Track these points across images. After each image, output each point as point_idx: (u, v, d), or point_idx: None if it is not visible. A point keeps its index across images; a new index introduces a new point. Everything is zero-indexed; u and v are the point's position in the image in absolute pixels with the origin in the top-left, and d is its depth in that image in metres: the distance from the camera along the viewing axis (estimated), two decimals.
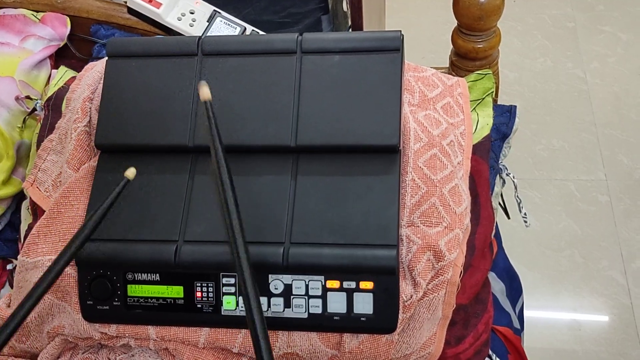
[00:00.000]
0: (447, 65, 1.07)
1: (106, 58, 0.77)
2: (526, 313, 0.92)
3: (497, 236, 0.87)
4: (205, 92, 0.63)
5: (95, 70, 0.81)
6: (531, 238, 1.56)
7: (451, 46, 1.03)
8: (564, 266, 1.53)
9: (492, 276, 0.82)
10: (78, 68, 0.91)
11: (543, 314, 1.46)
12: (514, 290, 0.87)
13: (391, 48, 0.72)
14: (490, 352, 0.75)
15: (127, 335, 0.70)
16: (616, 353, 1.39)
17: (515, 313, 0.85)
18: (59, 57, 1.03)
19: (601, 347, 1.40)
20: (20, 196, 0.92)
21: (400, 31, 0.73)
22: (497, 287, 0.83)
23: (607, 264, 1.52)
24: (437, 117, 0.76)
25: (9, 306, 0.74)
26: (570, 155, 1.72)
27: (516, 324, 0.84)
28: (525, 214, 0.88)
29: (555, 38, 1.99)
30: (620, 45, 1.96)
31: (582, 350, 1.40)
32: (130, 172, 0.64)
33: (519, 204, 0.89)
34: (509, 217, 0.95)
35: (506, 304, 0.83)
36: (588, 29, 2.01)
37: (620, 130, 1.76)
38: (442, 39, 1.95)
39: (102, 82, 0.77)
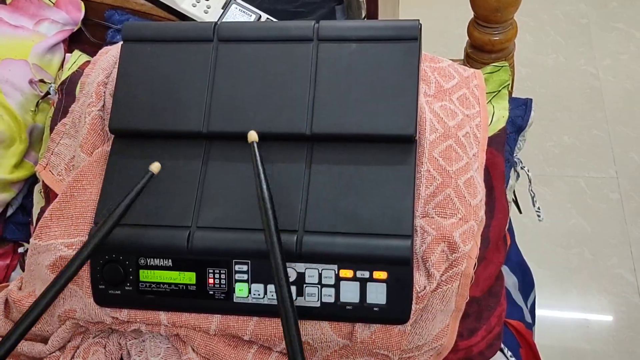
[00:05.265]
0: (461, 58, 1.06)
1: (121, 42, 0.76)
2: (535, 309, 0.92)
3: (511, 230, 0.87)
4: (252, 135, 0.66)
5: (110, 54, 0.81)
6: (541, 235, 1.55)
7: (463, 41, 1.02)
8: (573, 263, 1.52)
9: (505, 270, 0.82)
10: (91, 53, 0.90)
11: (552, 311, 1.45)
12: (526, 284, 0.87)
13: (409, 37, 0.71)
14: (502, 345, 0.75)
15: (138, 320, 0.70)
16: (624, 351, 1.39)
17: (527, 307, 0.84)
18: (73, 42, 1.03)
19: (609, 345, 1.40)
20: (32, 180, 0.92)
21: (418, 20, 0.72)
22: (510, 280, 0.82)
23: (617, 261, 1.51)
24: (453, 109, 0.76)
25: (20, 289, 0.74)
26: (581, 152, 1.71)
27: (528, 318, 0.83)
28: (539, 208, 0.87)
29: (568, 34, 1.98)
30: (633, 43, 1.94)
31: (591, 348, 1.39)
32: (155, 167, 0.66)
33: (532, 198, 0.88)
34: (520, 212, 0.95)
35: (518, 298, 0.83)
36: (601, 25, 1.99)
37: (632, 128, 1.75)
38: (454, 33, 1.95)
39: (116, 66, 0.76)
